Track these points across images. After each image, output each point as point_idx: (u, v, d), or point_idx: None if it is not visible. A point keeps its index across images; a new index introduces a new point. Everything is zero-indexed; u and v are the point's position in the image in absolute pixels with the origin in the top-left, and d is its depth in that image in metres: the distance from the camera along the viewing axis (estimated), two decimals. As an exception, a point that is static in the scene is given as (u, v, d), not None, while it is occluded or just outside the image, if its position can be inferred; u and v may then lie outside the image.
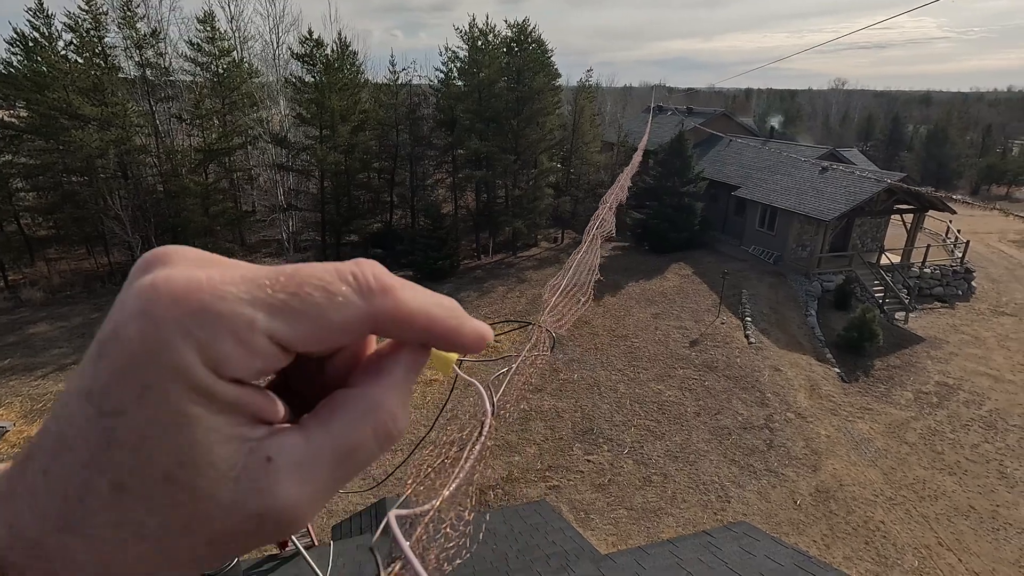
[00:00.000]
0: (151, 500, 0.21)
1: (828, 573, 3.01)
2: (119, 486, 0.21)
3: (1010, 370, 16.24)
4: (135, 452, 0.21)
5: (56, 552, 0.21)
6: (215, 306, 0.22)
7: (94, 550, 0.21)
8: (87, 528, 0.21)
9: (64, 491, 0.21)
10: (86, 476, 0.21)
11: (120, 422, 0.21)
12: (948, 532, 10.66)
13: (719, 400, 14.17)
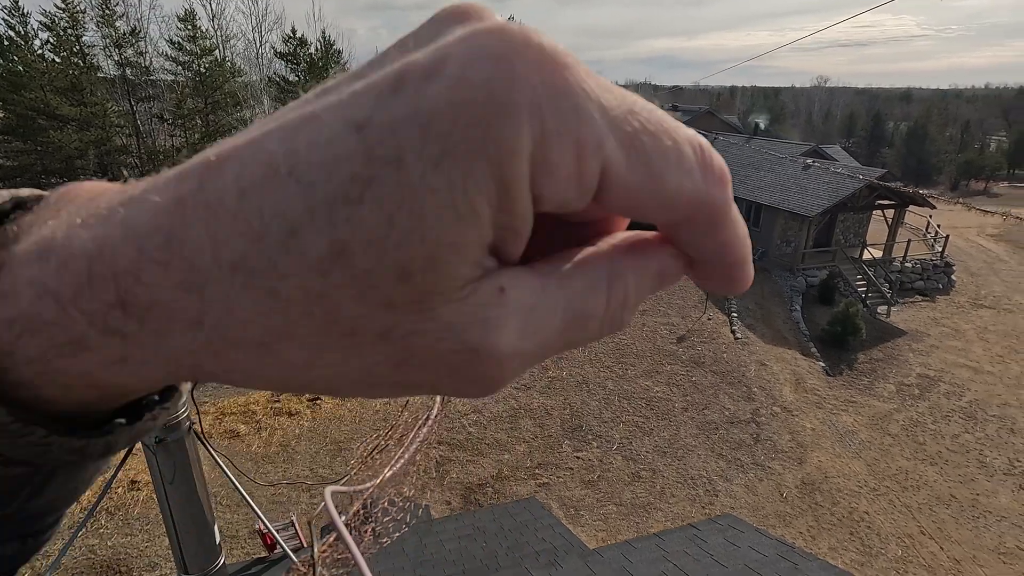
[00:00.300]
0: (363, 286, 0.16)
1: (810, 563, 3.08)
2: (338, 253, 0.16)
3: (989, 362, 16.59)
4: (384, 220, 0.15)
5: (210, 298, 0.16)
6: (579, 99, 0.16)
7: (259, 316, 0.17)
8: (270, 281, 0.16)
9: (259, 227, 0.16)
10: (300, 221, 0.16)
11: (386, 176, 0.15)
12: (930, 521, 10.88)
13: (706, 395, 14.31)
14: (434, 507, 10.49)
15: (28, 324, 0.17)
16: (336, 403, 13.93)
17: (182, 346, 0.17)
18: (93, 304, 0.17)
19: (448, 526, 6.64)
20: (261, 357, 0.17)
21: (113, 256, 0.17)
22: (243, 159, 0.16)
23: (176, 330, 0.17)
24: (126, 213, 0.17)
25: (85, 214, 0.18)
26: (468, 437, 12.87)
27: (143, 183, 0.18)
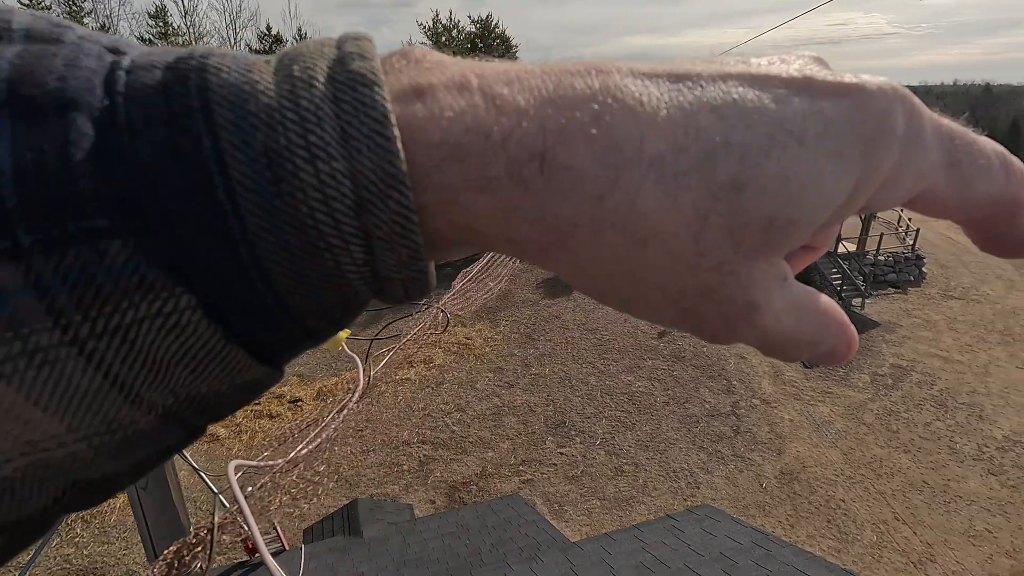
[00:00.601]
0: (734, 221, 0.19)
1: (784, 549, 3.16)
2: (735, 186, 0.19)
3: (958, 351, 17.07)
4: (779, 177, 0.19)
5: (623, 182, 0.19)
6: (926, 137, 0.21)
7: (654, 212, 0.19)
8: (676, 186, 0.19)
9: (682, 141, 0.19)
10: (717, 149, 0.19)
11: (790, 146, 0.19)
12: (903, 507, 11.18)
13: (687, 389, 14.50)
14: (418, 506, 10.47)
15: (453, 151, 0.18)
16: (317, 404, 13.82)
17: (568, 214, 0.19)
18: (518, 151, 0.18)
19: (432, 524, 6.64)
20: (632, 249, 0.20)
21: (545, 115, 0.19)
22: (663, 82, 0.20)
23: (574, 198, 0.19)
24: (546, 83, 0.19)
25: (489, 70, 0.20)
26: (452, 435, 12.87)
27: (517, 64, 0.20)
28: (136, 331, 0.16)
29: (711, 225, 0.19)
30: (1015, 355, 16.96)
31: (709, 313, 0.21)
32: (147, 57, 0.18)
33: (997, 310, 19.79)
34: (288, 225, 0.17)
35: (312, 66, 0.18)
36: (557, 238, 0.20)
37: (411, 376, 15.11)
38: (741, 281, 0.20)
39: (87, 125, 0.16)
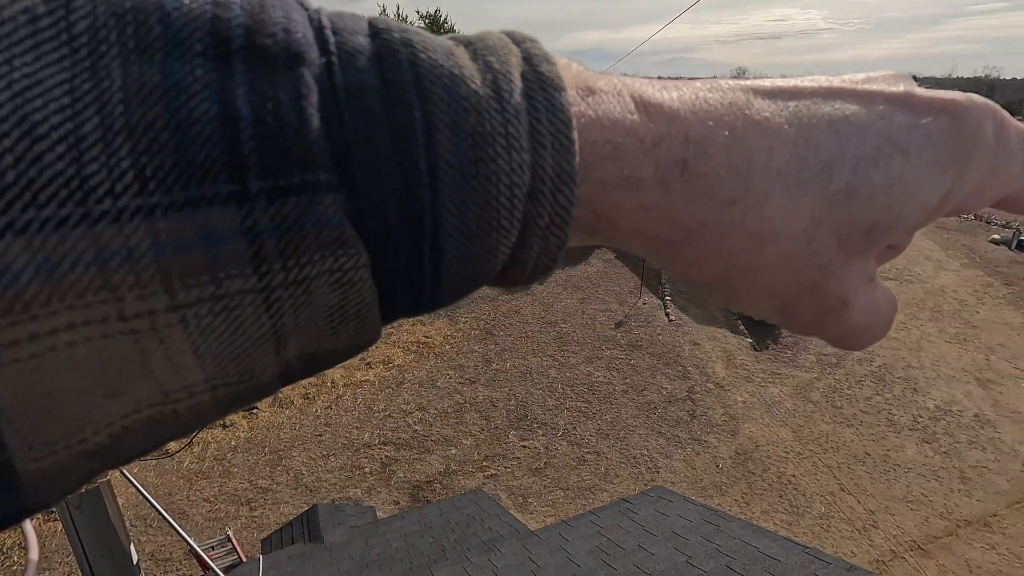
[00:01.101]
0: (842, 224, 0.22)
1: (731, 523, 3.30)
2: (848, 193, 0.21)
3: (894, 329, 17.99)
4: (886, 185, 0.21)
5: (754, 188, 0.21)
6: (1012, 148, 0.24)
7: (779, 216, 0.21)
8: (798, 193, 0.21)
9: (803, 153, 0.21)
10: (834, 160, 0.21)
11: (896, 157, 0.22)
12: (848, 478, 11.80)
13: (644, 377, 14.83)
14: (381, 508, 10.35)
15: (613, 151, 0.20)
16: (274, 411, 13.44)
17: (700, 215, 0.21)
18: (665, 156, 0.21)
19: (394, 525, 6.57)
20: (752, 249, 0.22)
21: (689, 125, 0.21)
22: (781, 100, 0.22)
23: (708, 201, 0.21)
24: (690, 96, 0.22)
25: (640, 82, 0.22)
26: (414, 435, 12.76)
27: (656, 80, 0.23)
28: (317, 283, 0.16)
29: (824, 229, 0.22)
30: (944, 330, 18.14)
31: (805, 306, 0.24)
32: (342, 20, 0.18)
33: (927, 289, 21.09)
34: (475, 203, 0.18)
35: (507, 61, 0.19)
36: (685, 235, 0.22)
37: (370, 377, 14.88)
38: (840, 280, 0.23)
39: (312, 81, 0.16)
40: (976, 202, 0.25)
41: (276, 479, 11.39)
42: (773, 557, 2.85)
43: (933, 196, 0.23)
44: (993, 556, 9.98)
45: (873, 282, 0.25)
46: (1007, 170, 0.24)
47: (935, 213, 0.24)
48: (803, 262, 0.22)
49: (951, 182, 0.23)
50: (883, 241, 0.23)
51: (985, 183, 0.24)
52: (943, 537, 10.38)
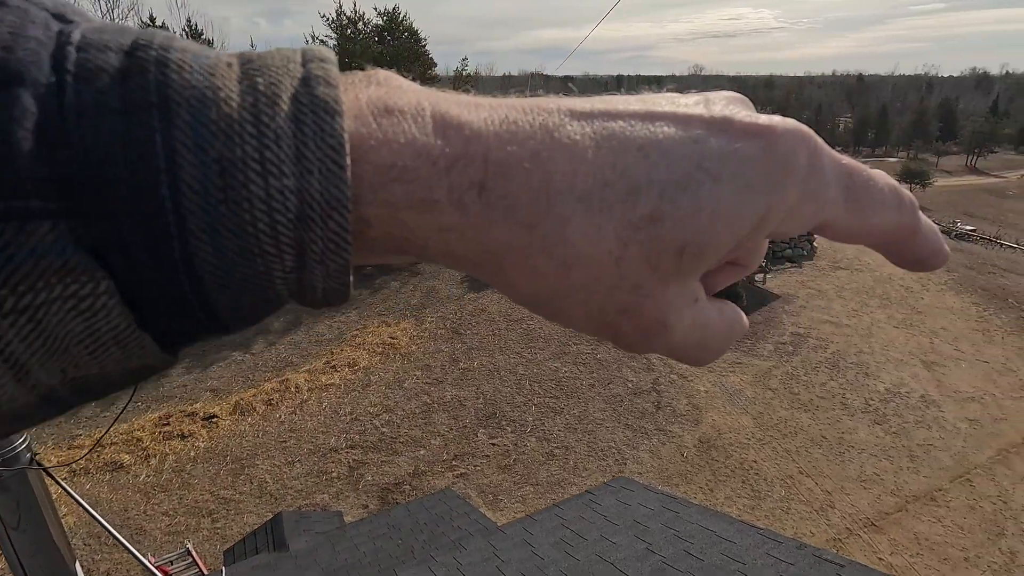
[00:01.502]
0: (651, 248, 0.22)
1: (690, 509, 3.40)
2: (654, 218, 0.21)
3: (846, 316, 18.87)
4: (693, 210, 0.22)
5: (555, 212, 0.21)
6: (826, 174, 0.24)
7: (581, 241, 0.21)
8: (601, 218, 0.21)
9: (610, 177, 0.21)
10: (640, 185, 0.21)
11: (706, 183, 0.22)
12: (806, 461, 12.25)
13: (611, 370, 15.05)
14: (350, 512, 10.20)
15: (402, 175, 0.20)
16: (235, 419, 13.08)
17: (502, 239, 0.21)
18: (461, 178, 0.20)
19: (362, 529, 6.49)
20: (557, 272, 0.22)
21: (488, 147, 0.21)
22: (597, 122, 0.22)
23: (508, 225, 0.21)
24: (492, 116, 0.21)
25: (445, 101, 0.22)
26: (381, 438, 12.62)
27: (467, 97, 0.23)
28: (46, 311, 0.16)
29: (631, 252, 0.22)
30: (892, 316, 19.03)
31: (626, 328, 0.24)
32: (100, 35, 0.17)
33: (876, 277, 22.08)
34: (227, 230, 0.17)
35: (277, 83, 0.18)
36: (491, 258, 0.22)
37: (335, 381, 14.64)
38: (655, 302, 0.23)
39: (31, 102, 0.15)
40: (792, 227, 0.25)
41: (239, 489, 11.09)
42: (729, 539, 2.95)
43: (744, 220, 0.23)
44: (939, 528, 10.53)
45: (698, 302, 0.25)
46: (821, 197, 0.24)
47: (754, 236, 0.24)
48: (614, 285, 0.22)
49: (764, 207, 0.23)
50: (698, 265, 0.23)
51: (799, 209, 0.24)
52: (894, 513, 10.90)
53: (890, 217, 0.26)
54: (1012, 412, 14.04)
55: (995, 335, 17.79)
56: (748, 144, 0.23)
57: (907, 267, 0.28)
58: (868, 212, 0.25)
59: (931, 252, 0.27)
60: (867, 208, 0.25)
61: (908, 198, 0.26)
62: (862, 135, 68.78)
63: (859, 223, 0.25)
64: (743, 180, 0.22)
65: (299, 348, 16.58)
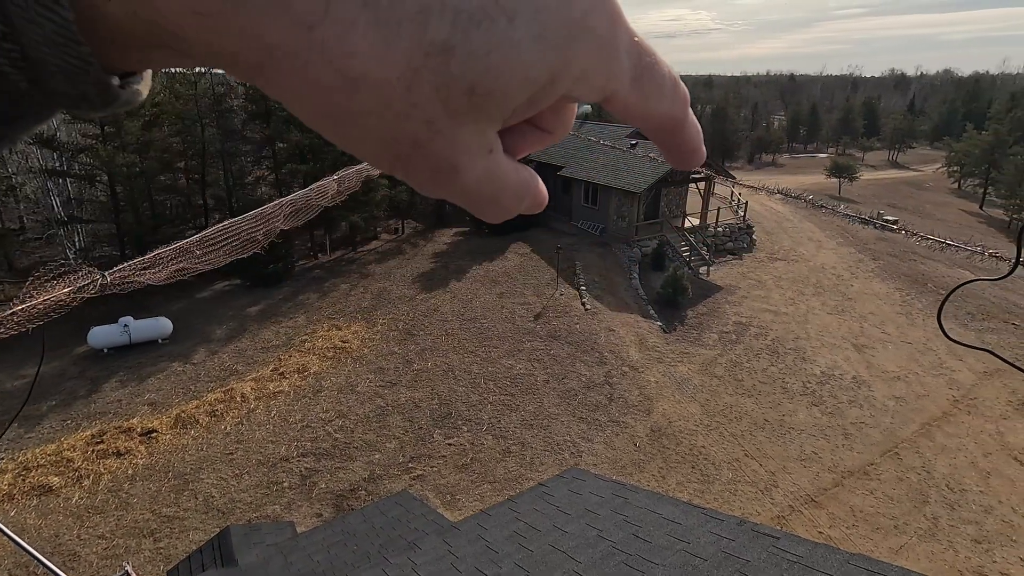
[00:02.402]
0: (439, 80, 0.21)
1: (638, 494, 3.50)
2: (445, 48, 0.20)
3: (784, 304, 19.82)
4: (486, 48, 0.21)
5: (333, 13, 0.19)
6: (620, 46, 0.24)
7: (365, 48, 0.20)
8: (389, 35, 0.20)
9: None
10: (432, 9, 0.20)
11: (502, 22, 0.21)
12: (751, 444, 12.81)
13: (564, 366, 15.25)
14: (303, 522, 9.93)
15: None
16: (177, 432, 12.46)
17: (275, 36, 0.19)
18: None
19: (316, 538, 6.33)
20: (342, 88, 0.20)
21: None
22: None
23: (282, 20, 0.19)
24: None
25: None
26: (335, 444, 12.33)
27: None
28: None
29: (421, 80, 0.21)
30: (825, 303, 20.14)
31: (419, 165, 0.23)
32: None
33: (810, 267, 23.31)
34: None
35: None
36: (263, 59, 0.20)
37: (284, 388, 14.18)
38: (447, 141, 0.22)
39: None
40: (585, 91, 0.25)
41: (183, 505, 10.59)
42: (675, 521, 3.05)
43: (536, 71, 0.22)
44: (872, 500, 11.25)
45: (494, 154, 0.25)
46: (614, 67, 0.24)
47: (545, 92, 0.23)
48: (405, 113, 0.21)
49: (559, 61, 0.22)
50: (489, 107, 0.22)
51: (593, 73, 0.24)
52: (831, 488, 11.56)
53: (666, 105, 0.27)
54: (932, 389, 15.15)
55: (916, 318, 19.11)
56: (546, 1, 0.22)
57: (671, 159, 0.30)
58: (650, 94, 0.26)
59: (691, 149, 0.30)
60: (649, 90, 0.26)
61: (683, 91, 0.28)
62: (795, 132, 72.35)
63: (641, 103, 0.26)
64: (540, 27, 0.21)
65: (244, 356, 15.97)
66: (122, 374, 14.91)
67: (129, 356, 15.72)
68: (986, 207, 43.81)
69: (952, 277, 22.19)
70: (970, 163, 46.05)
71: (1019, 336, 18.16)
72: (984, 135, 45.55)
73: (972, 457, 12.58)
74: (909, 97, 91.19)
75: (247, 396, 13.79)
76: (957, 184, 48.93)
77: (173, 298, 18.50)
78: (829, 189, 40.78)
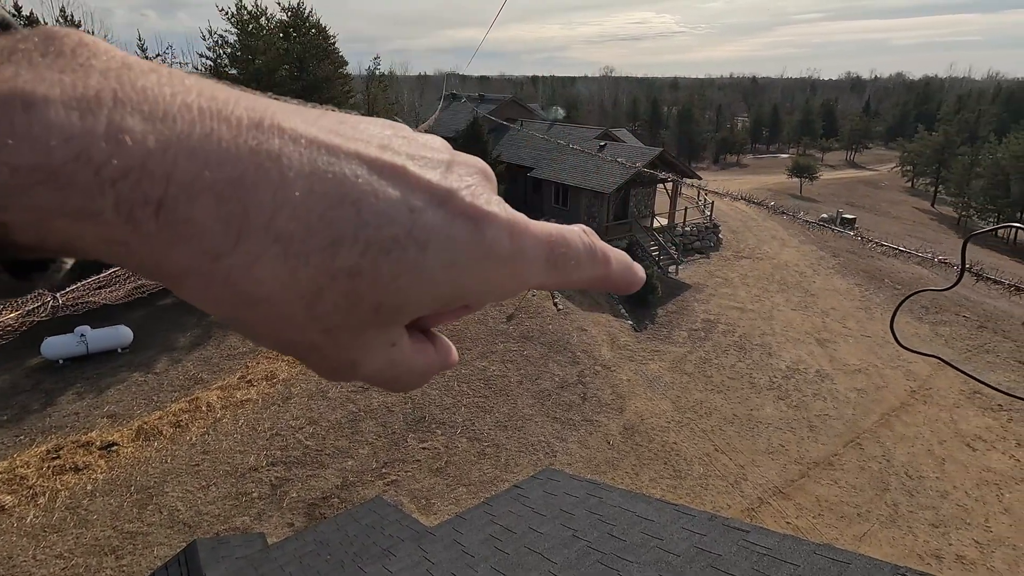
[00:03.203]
0: (348, 300, 0.22)
1: (612, 493, 3.55)
2: (353, 273, 0.21)
3: (750, 301, 20.32)
4: (393, 273, 0.22)
5: (244, 247, 0.20)
6: (528, 252, 0.26)
7: (272, 280, 0.21)
8: (298, 264, 0.21)
9: (314, 224, 0.21)
10: (344, 239, 0.21)
11: (413, 251, 0.22)
12: (721, 439, 13.09)
13: (537, 366, 15.30)
14: (274, 532, 9.71)
15: (53, 179, 0.17)
16: (140, 444, 12.03)
17: (182, 263, 0.20)
18: (132, 193, 0.18)
19: (287, 549, 6.19)
20: (243, 305, 0.21)
21: (175, 163, 0.19)
22: (322, 161, 0.22)
23: (189, 249, 0.19)
24: (191, 130, 0.19)
25: (138, 94, 0.19)
26: (306, 451, 12.09)
27: (196, 87, 0.20)
28: None
29: (324, 299, 0.22)
30: (789, 299, 20.73)
31: (316, 362, 0.25)
32: None
33: (774, 264, 23.96)
34: None
35: None
36: (169, 279, 0.20)
37: (252, 396, 13.84)
38: (344, 343, 0.24)
39: None
40: (501, 296, 0.27)
41: (147, 520, 10.23)
42: (648, 518, 3.11)
43: (444, 291, 0.24)
44: (836, 490, 11.62)
45: (396, 347, 0.26)
46: (524, 272, 0.27)
47: (454, 303, 0.25)
48: (304, 325, 0.22)
49: (468, 282, 0.24)
50: (396, 319, 0.24)
51: (505, 283, 0.26)
52: (798, 480, 11.90)
53: (586, 272, 0.30)
54: (891, 380, 15.75)
55: (875, 312, 19.84)
56: (461, 225, 0.24)
57: (617, 292, 0.34)
58: (567, 272, 0.29)
59: (626, 284, 0.33)
60: (565, 271, 0.29)
61: (600, 252, 0.31)
62: (758, 133, 74.30)
63: (562, 281, 0.29)
64: (449, 256, 0.23)
65: (209, 364, 15.53)
66: (79, 386, 14.33)
67: (86, 367, 15.11)
68: (937, 205, 45.82)
69: (907, 273, 23.12)
70: (922, 163, 48.10)
71: (969, 328, 19.05)
72: (934, 136, 47.63)
73: (928, 445, 13.12)
74: (864, 99, 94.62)
75: (213, 405, 13.41)
76: (910, 183, 51.04)
77: (133, 305, 17.87)
78: (791, 189, 41.99)
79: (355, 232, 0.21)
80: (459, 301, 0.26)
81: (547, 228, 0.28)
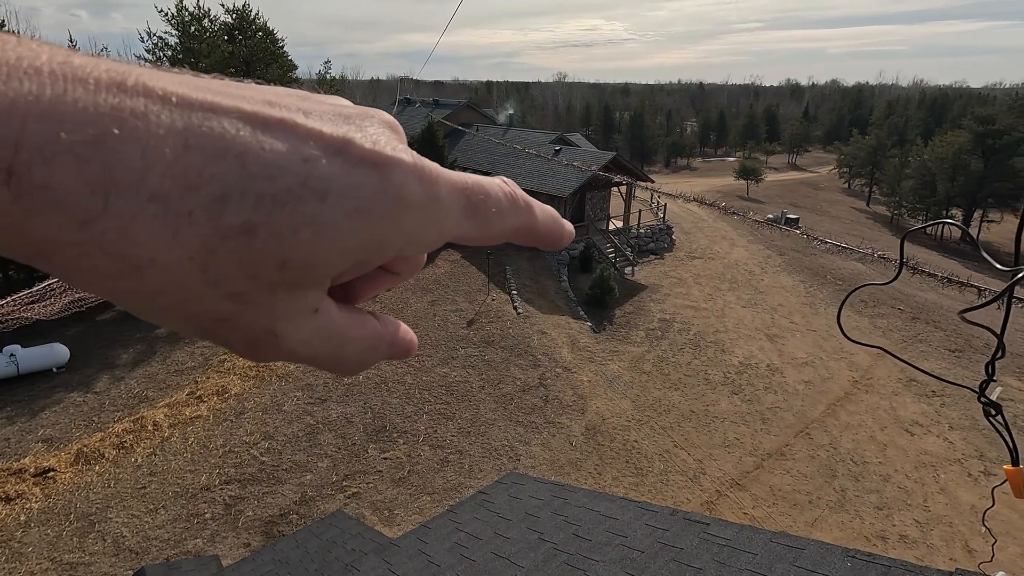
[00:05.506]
0: (247, 259, 0.21)
1: (576, 493, 3.58)
2: (247, 230, 0.20)
3: (704, 300, 20.93)
4: (293, 226, 0.21)
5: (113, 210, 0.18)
6: (443, 201, 0.25)
7: (151, 243, 0.19)
8: (180, 224, 0.20)
9: (194, 181, 0.20)
10: (231, 195, 0.20)
11: (312, 201, 0.21)
12: (680, 435, 13.41)
13: (499, 371, 15.29)
14: (229, 554, 9.31)
15: None
16: (80, 469, 11.33)
17: (46, 233, 0.18)
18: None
19: (244, 569, 5.95)
20: (127, 273, 0.20)
21: (22, 127, 0.17)
22: (197, 117, 0.20)
23: (53, 218, 0.18)
24: (41, 91, 0.18)
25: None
26: (262, 467, 11.67)
27: (48, 52, 0.19)
28: None
29: (220, 259, 0.20)
30: (740, 297, 21.48)
31: (232, 336, 0.23)
32: None
33: (725, 264, 24.79)
34: None
35: None
36: (36, 252, 0.19)
37: (202, 412, 13.26)
38: (259, 310, 0.22)
39: None
40: (420, 248, 0.26)
41: (88, 549, 9.63)
42: (612, 516, 3.15)
43: (354, 242, 0.22)
44: (788, 479, 12.08)
45: (320, 312, 0.24)
46: (443, 221, 0.25)
47: (373, 258, 0.24)
48: (203, 292, 0.21)
49: (379, 233, 0.23)
50: (308, 277, 0.22)
51: (422, 233, 0.25)
52: (753, 471, 12.31)
53: (510, 221, 0.29)
54: (836, 372, 16.53)
55: (819, 307, 20.78)
56: (363, 172, 0.22)
57: (542, 247, 0.33)
58: (490, 222, 0.28)
59: (555, 238, 0.32)
60: (488, 219, 0.28)
61: (523, 201, 0.30)
62: (706, 137, 76.86)
63: (485, 231, 0.28)
64: (352, 205, 0.22)
65: (155, 381, 14.80)
66: (9, 409, 13.38)
67: (18, 389, 14.12)
68: (872, 204, 48.53)
69: (848, 270, 24.34)
70: (857, 165, 50.89)
71: (903, 319, 20.20)
72: (867, 139, 50.49)
73: (871, 431, 13.83)
74: (804, 105, 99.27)
75: (160, 424, 12.77)
76: (847, 184, 53.88)
77: (69, 322, 16.84)
78: (738, 190, 43.61)
79: (242, 186, 0.20)
80: (375, 255, 0.24)
81: (463, 176, 0.27)
